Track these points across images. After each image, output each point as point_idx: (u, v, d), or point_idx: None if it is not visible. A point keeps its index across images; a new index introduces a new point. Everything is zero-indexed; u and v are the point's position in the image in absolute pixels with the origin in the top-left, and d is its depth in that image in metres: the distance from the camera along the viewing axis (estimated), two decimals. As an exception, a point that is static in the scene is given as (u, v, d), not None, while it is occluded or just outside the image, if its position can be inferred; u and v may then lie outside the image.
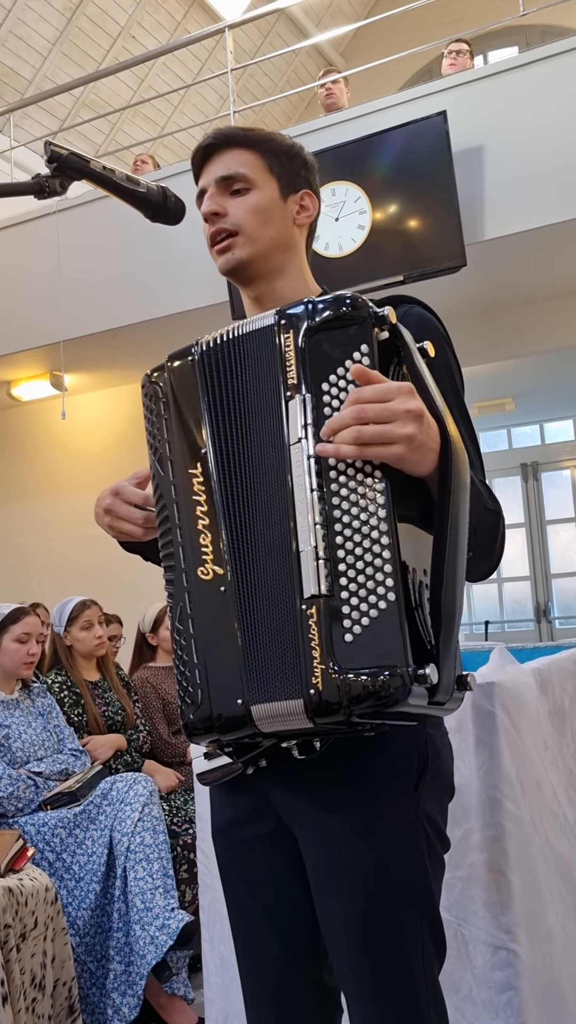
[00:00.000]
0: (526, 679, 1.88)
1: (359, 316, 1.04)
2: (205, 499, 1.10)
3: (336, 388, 1.03)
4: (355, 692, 0.97)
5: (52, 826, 2.56)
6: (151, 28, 8.61)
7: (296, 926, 1.22)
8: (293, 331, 1.07)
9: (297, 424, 1.05)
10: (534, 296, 5.12)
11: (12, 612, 2.79)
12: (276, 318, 1.09)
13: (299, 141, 1.34)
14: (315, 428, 1.03)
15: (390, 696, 0.96)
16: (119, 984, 2.41)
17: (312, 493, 1.02)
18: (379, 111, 4.61)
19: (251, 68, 9.13)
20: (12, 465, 6.88)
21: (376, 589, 0.98)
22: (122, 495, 1.23)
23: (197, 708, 1.07)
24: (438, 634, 1.02)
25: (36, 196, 1.10)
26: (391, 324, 1.04)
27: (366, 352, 1.03)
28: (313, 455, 1.02)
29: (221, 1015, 1.95)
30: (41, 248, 5.43)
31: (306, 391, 1.05)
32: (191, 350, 1.16)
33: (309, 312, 1.06)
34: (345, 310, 1.05)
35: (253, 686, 1.05)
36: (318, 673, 0.99)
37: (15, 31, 7.85)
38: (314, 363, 1.05)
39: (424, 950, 1.14)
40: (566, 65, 4.22)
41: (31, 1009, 2.09)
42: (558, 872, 1.81)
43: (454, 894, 1.62)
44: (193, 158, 1.30)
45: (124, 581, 4.30)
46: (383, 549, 0.99)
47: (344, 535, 1.00)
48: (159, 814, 2.62)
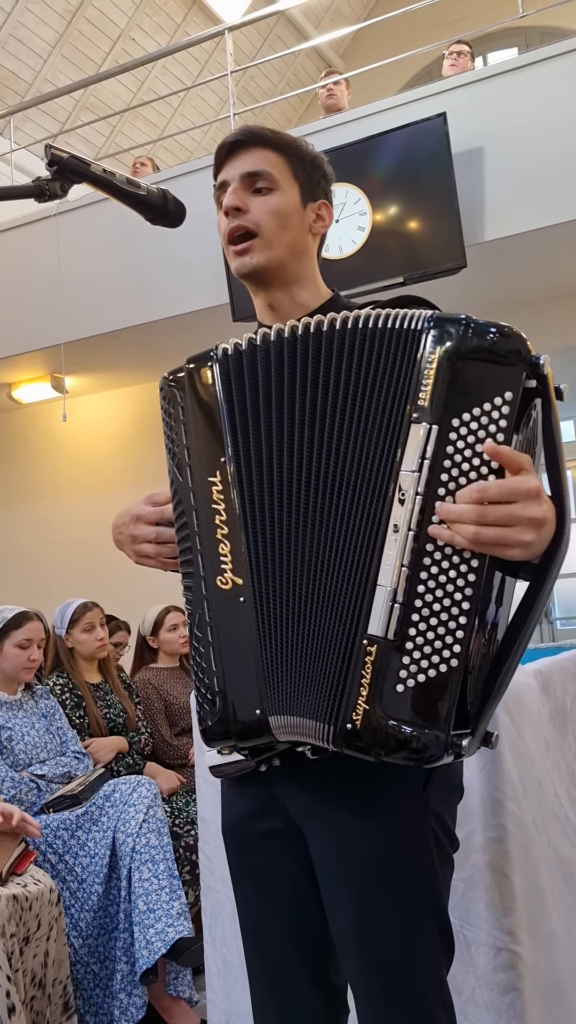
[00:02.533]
0: (527, 680, 1.88)
1: (515, 356, 0.98)
2: (225, 508, 1.08)
3: (466, 428, 0.97)
4: (391, 741, 0.97)
5: (54, 828, 2.56)
6: (151, 30, 8.62)
7: (304, 923, 1.22)
8: (440, 347, 1.00)
9: (415, 453, 0.98)
10: (534, 297, 5.12)
11: (15, 617, 2.79)
12: (428, 324, 1.01)
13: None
14: (431, 463, 0.97)
15: (422, 754, 0.97)
16: (126, 984, 2.41)
17: (409, 532, 0.97)
18: (379, 113, 4.61)
19: (251, 70, 9.13)
20: (13, 467, 6.88)
21: (442, 651, 0.96)
22: (144, 519, 1.22)
23: (215, 715, 1.07)
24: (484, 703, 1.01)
25: (37, 199, 1.10)
26: (541, 374, 0.99)
27: (509, 400, 0.97)
28: (423, 492, 0.97)
29: (223, 1017, 1.94)
30: (42, 251, 5.43)
31: (434, 420, 0.98)
32: (211, 353, 1.14)
33: (464, 330, 1.00)
34: (503, 344, 0.99)
35: (273, 697, 1.05)
36: (360, 711, 0.98)
37: (15, 34, 7.86)
38: (453, 392, 0.98)
39: (432, 948, 1.14)
40: (566, 67, 4.23)
41: (30, 1006, 2.10)
42: (560, 873, 1.81)
43: (456, 895, 1.62)
44: (218, 151, 1.28)
45: (125, 583, 4.30)
46: (462, 614, 0.96)
47: (427, 586, 0.97)
48: (163, 816, 2.62)
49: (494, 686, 1.01)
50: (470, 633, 0.96)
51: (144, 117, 9.06)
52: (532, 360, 0.99)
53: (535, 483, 0.96)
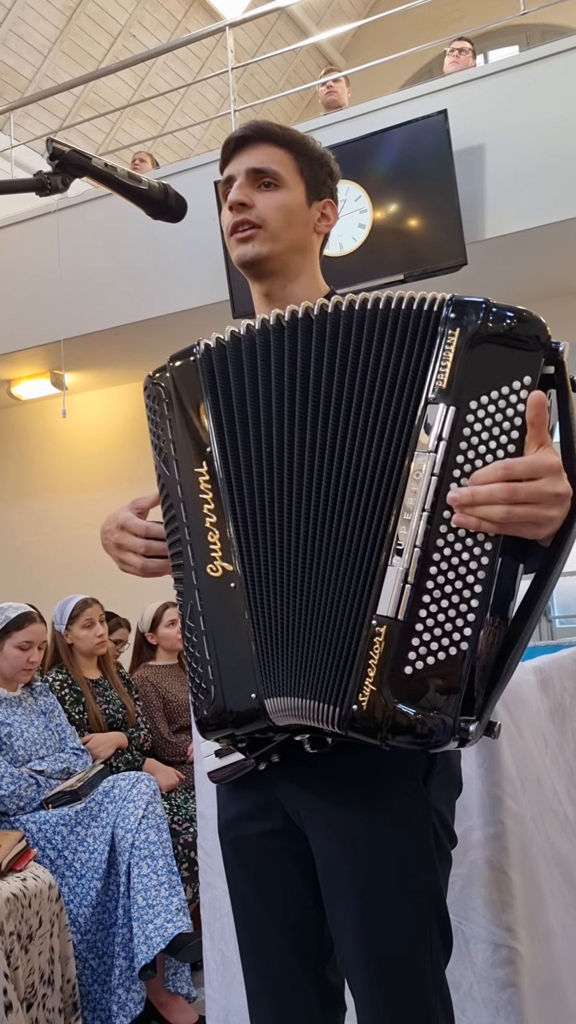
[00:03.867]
0: (527, 677, 1.88)
1: (534, 341, 0.98)
2: (212, 497, 1.08)
3: (484, 411, 0.97)
4: (397, 724, 0.96)
5: (53, 824, 2.56)
6: (151, 27, 8.61)
7: (301, 922, 1.22)
8: (460, 329, 1.00)
9: (432, 433, 0.97)
10: (535, 295, 5.12)
11: (18, 618, 2.78)
12: (447, 306, 1.01)
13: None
14: (447, 444, 0.97)
15: (428, 738, 0.96)
16: (124, 980, 2.42)
17: (424, 513, 0.97)
18: (380, 110, 4.61)
19: (251, 67, 9.12)
20: (12, 464, 6.88)
21: (452, 633, 0.96)
22: (128, 528, 1.22)
23: (210, 703, 1.06)
24: (491, 688, 1.00)
25: (38, 193, 1.10)
26: (559, 360, 0.99)
27: (527, 384, 0.97)
28: (439, 473, 0.97)
29: (222, 1013, 1.95)
30: (42, 247, 5.43)
31: (452, 402, 0.98)
32: (192, 349, 1.14)
33: (484, 314, 1.00)
34: (523, 328, 0.99)
35: (268, 680, 1.04)
36: (367, 692, 0.97)
37: (15, 30, 7.85)
38: (472, 374, 0.98)
39: (431, 944, 1.14)
40: (566, 64, 4.22)
41: (42, 1004, 2.10)
42: (559, 870, 1.81)
43: (455, 892, 1.62)
44: (225, 146, 1.28)
45: (123, 580, 4.29)
46: (473, 597, 0.95)
47: (440, 567, 0.96)
48: (162, 812, 2.62)
49: (501, 672, 1.00)
50: (481, 617, 0.95)
51: (144, 114, 9.05)
52: (551, 346, 0.99)
53: (557, 459, 0.96)
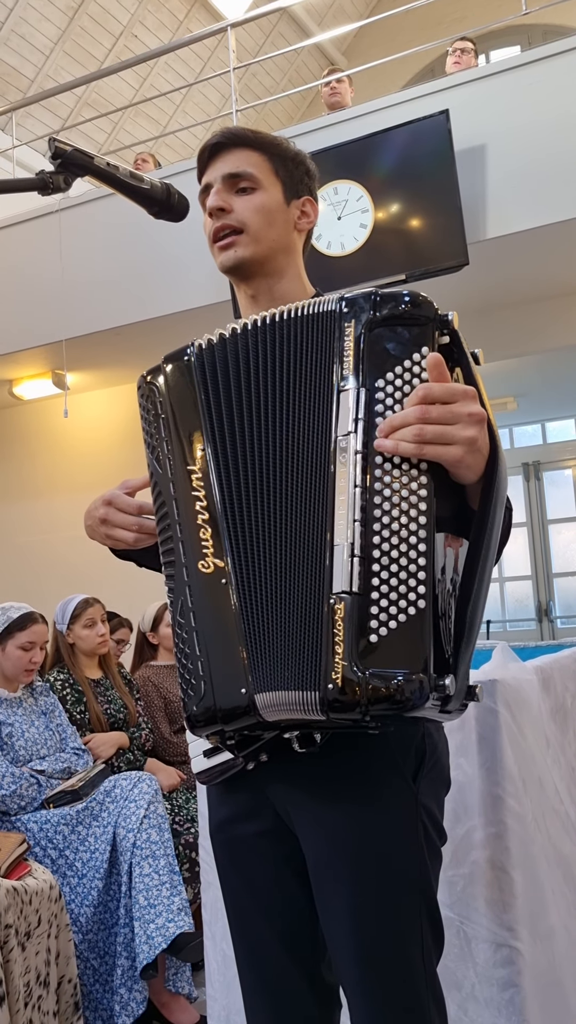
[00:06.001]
0: (528, 677, 1.88)
1: (424, 317, 1.04)
2: (204, 494, 1.10)
3: (392, 387, 1.03)
4: (373, 693, 0.97)
5: (55, 823, 2.56)
6: (153, 27, 8.61)
7: (294, 922, 1.22)
8: (355, 321, 1.06)
9: (348, 417, 1.04)
10: (536, 295, 5.12)
11: (20, 618, 2.78)
12: (340, 305, 1.08)
13: (301, 140, 1.34)
14: (365, 423, 1.03)
15: (407, 701, 0.97)
16: (126, 979, 2.42)
17: (355, 489, 1.01)
18: (381, 110, 4.60)
19: (253, 67, 9.12)
20: (14, 464, 6.88)
21: (408, 594, 0.98)
22: (115, 504, 1.25)
23: (200, 699, 1.06)
24: (459, 645, 1.02)
25: (40, 192, 1.10)
26: (452, 329, 1.04)
27: (425, 354, 1.02)
28: (362, 450, 1.02)
29: (223, 1012, 1.95)
30: (43, 247, 5.43)
31: (360, 384, 1.04)
32: (186, 350, 1.17)
33: (373, 304, 1.06)
34: (411, 308, 1.04)
35: (258, 675, 1.05)
36: (339, 669, 0.99)
37: (17, 30, 7.85)
38: (373, 358, 1.04)
39: (423, 941, 1.15)
40: (568, 64, 4.22)
41: (37, 1007, 2.09)
42: (560, 870, 1.81)
43: (456, 891, 1.62)
44: (200, 154, 1.31)
45: (124, 580, 4.29)
46: (419, 556, 0.98)
47: (382, 535, 1.00)
48: (164, 812, 2.62)
49: (464, 626, 1.03)
50: (431, 574, 0.98)
51: (146, 114, 9.06)
52: (441, 318, 1.04)
53: (472, 388, 1.02)
